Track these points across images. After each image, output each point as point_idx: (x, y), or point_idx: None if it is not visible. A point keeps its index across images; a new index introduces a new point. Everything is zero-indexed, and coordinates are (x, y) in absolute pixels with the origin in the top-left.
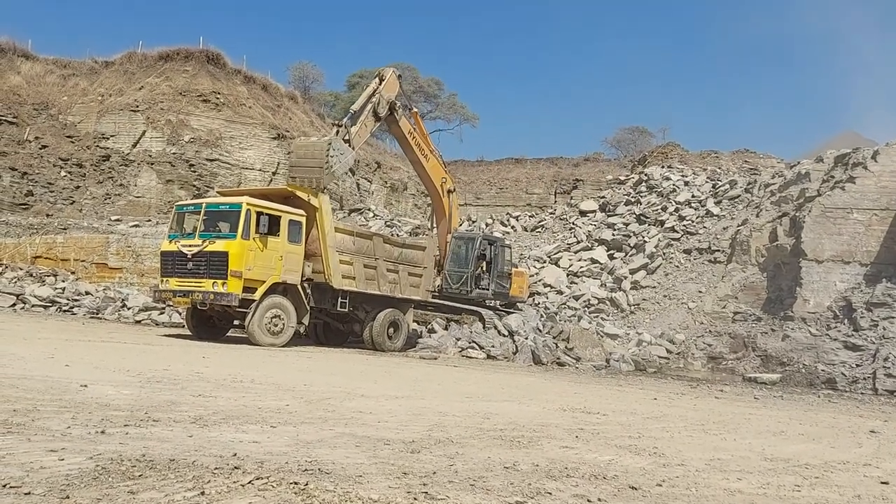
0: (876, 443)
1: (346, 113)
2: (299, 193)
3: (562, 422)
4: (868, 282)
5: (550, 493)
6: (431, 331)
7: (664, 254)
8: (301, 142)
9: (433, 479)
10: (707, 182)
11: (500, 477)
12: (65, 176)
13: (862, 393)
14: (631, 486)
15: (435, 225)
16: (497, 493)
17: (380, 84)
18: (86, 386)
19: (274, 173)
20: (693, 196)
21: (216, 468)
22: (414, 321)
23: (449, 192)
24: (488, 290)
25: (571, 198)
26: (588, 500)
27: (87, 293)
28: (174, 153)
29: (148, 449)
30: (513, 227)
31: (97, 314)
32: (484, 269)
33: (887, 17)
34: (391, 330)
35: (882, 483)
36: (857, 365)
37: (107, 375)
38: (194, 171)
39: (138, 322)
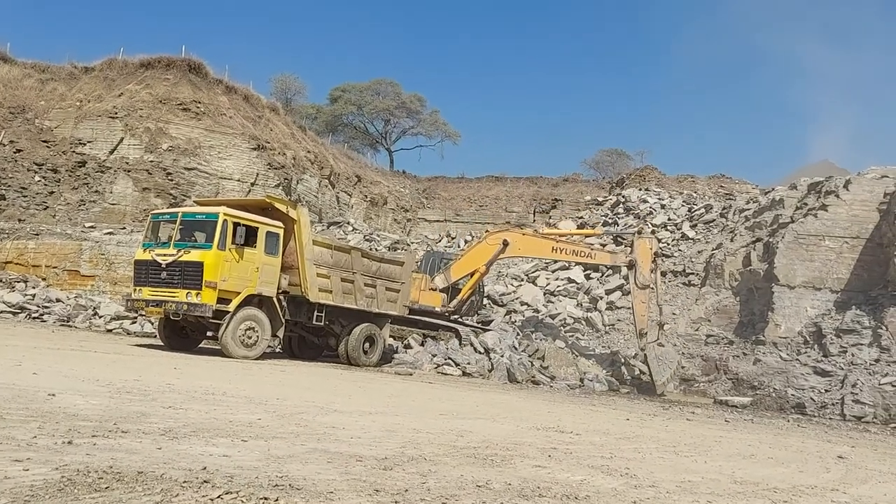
0: (843, 468)
1: None
2: (277, 205)
3: (535, 440)
4: (838, 308)
5: None
6: (407, 346)
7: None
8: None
9: (405, 496)
10: (683, 206)
11: (473, 495)
12: (39, 181)
13: (830, 418)
14: None
15: None
16: None
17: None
18: (53, 395)
19: (252, 184)
20: (669, 219)
21: (185, 481)
22: (390, 336)
23: None
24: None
25: (550, 217)
26: None
27: (58, 300)
28: (152, 161)
29: (115, 461)
30: (485, 234)
31: (67, 322)
32: None
33: (833, 31)
34: (367, 345)
35: None
36: (826, 390)
37: (76, 385)
38: (171, 180)
39: (110, 331)
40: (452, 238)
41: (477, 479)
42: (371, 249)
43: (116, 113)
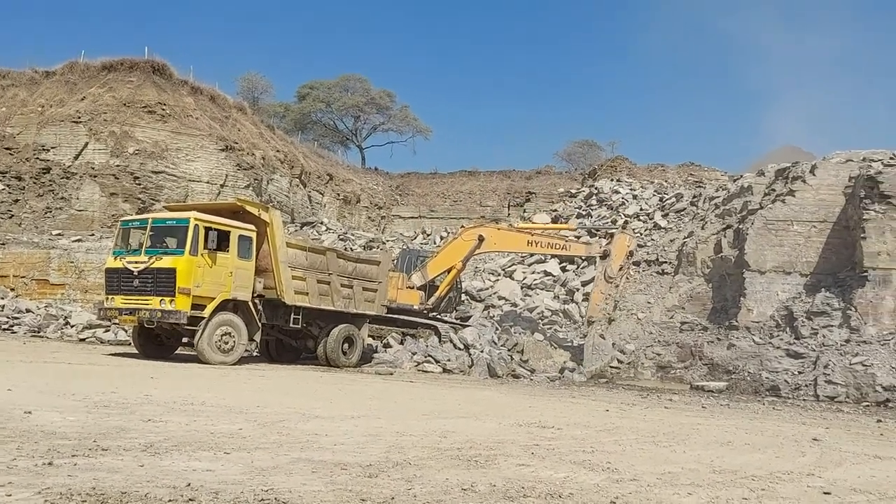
0: (818, 451)
1: None
2: (249, 208)
3: (517, 438)
4: (808, 291)
5: None
6: (387, 345)
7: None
8: None
9: None
10: (654, 195)
11: (458, 500)
12: (3, 189)
13: (804, 399)
14: None
15: None
16: None
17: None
18: (30, 412)
19: (222, 185)
20: (641, 209)
21: (170, 500)
22: (369, 336)
23: None
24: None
25: (524, 210)
26: None
27: (28, 311)
28: (118, 165)
29: (98, 481)
30: (460, 230)
31: (39, 333)
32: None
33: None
34: (346, 345)
35: (825, 493)
36: (799, 372)
37: (52, 400)
38: (139, 184)
39: (82, 340)
40: (428, 234)
41: (462, 482)
42: (346, 249)
43: (80, 117)
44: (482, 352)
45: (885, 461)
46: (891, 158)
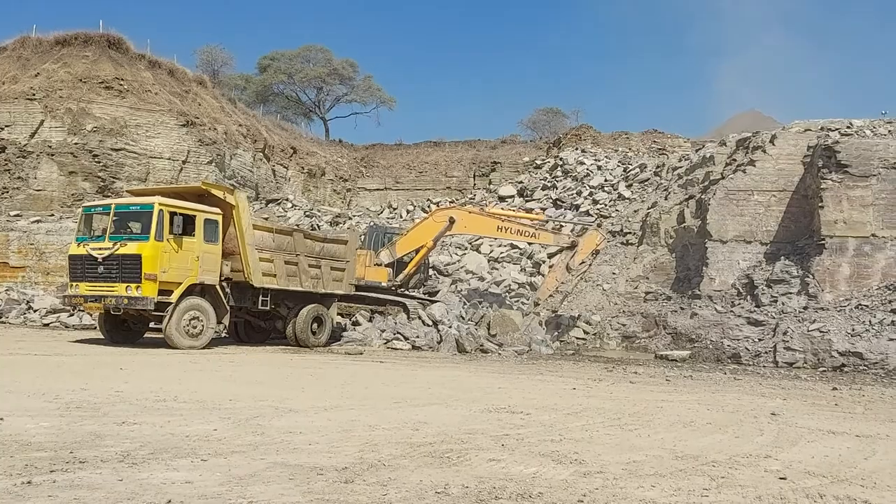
0: (776, 429)
1: None
2: (214, 191)
3: (488, 427)
4: (768, 260)
5: None
6: (356, 323)
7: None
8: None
9: None
10: (619, 166)
11: None
12: None
13: (764, 366)
14: None
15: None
16: None
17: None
18: (2, 419)
19: (184, 162)
20: (606, 180)
21: None
22: (338, 314)
23: None
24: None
25: (490, 181)
26: None
27: None
28: (76, 143)
29: (80, 500)
30: (431, 212)
31: (0, 318)
32: None
33: None
34: (315, 325)
35: (780, 479)
36: (759, 339)
37: (22, 402)
38: (99, 162)
39: (46, 325)
40: (394, 209)
41: (435, 483)
42: (312, 226)
43: (34, 94)
44: (450, 328)
45: (838, 437)
46: (847, 127)
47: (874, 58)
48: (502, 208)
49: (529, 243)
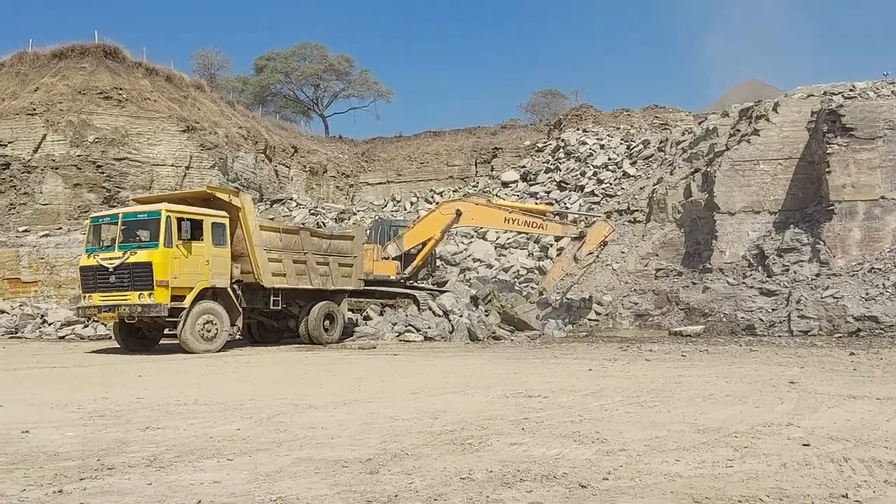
0: (796, 396)
1: None
2: (219, 195)
3: (507, 412)
4: (777, 229)
5: None
6: (367, 318)
7: (586, 219)
8: None
9: (396, 503)
10: (622, 144)
11: (459, 492)
12: None
13: (779, 336)
14: (581, 484)
15: None
16: None
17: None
18: (27, 431)
19: (187, 167)
20: (609, 159)
21: None
22: (349, 309)
23: None
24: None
25: (492, 168)
26: None
27: (3, 311)
28: (79, 155)
29: None
30: (437, 204)
31: (16, 334)
32: None
33: None
34: (327, 322)
35: (804, 445)
36: (773, 309)
37: (46, 414)
38: (103, 173)
39: (62, 338)
40: (398, 202)
41: (460, 469)
42: (318, 224)
43: (35, 109)
44: (461, 317)
45: (859, 401)
46: (850, 90)
47: (869, 11)
48: (506, 195)
49: (538, 235)
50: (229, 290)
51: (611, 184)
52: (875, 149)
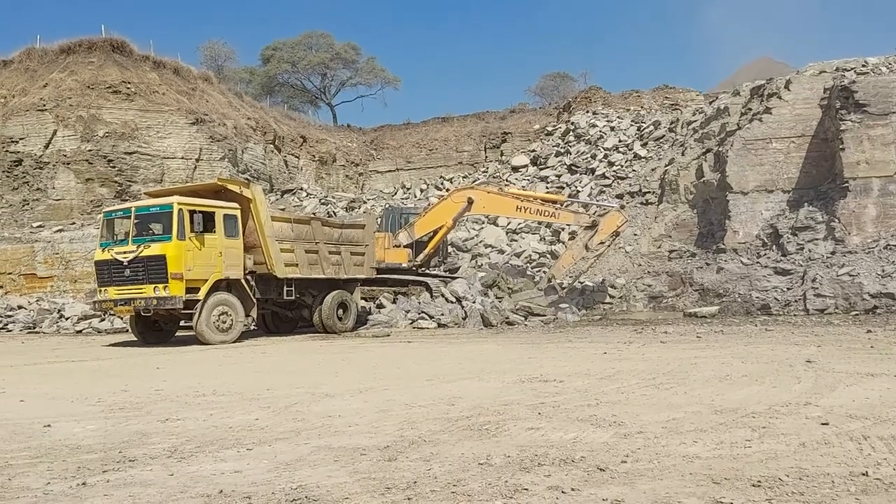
0: (813, 375)
1: None
2: (230, 186)
3: (522, 397)
4: (791, 208)
5: (527, 489)
6: (380, 306)
7: (598, 201)
8: None
9: (415, 490)
10: (632, 125)
11: (478, 477)
12: None
13: (795, 315)
14: (599, 467)
15: None
16: (478, 499)
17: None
18: (49, 426)
19: (197, 160)
20: (620, 141)
21: None
22: (362, 298)
23: None
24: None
25: (502, 153)
26: (562, 491)
27: (20, 307)
28: (90, 150)
29: (134, 498)
30: (447, 191)
31: (34, 329)
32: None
33: None
34: (340, 311)
35: (822, 424)
36: (788, 288)
37: (66, 408)
38: (114, 167)
39: (79, 332)
40: (408, 189)
41: (478, 455)
42: (328, 213)
43: (45, 105)
44: (474, 303)
45: (877, 379)
46: (863, 66)
47: None
48: (517, 179)
49: (549, 223)
50: (243, 281)
51: (622, 166)
52: (889, 124)
